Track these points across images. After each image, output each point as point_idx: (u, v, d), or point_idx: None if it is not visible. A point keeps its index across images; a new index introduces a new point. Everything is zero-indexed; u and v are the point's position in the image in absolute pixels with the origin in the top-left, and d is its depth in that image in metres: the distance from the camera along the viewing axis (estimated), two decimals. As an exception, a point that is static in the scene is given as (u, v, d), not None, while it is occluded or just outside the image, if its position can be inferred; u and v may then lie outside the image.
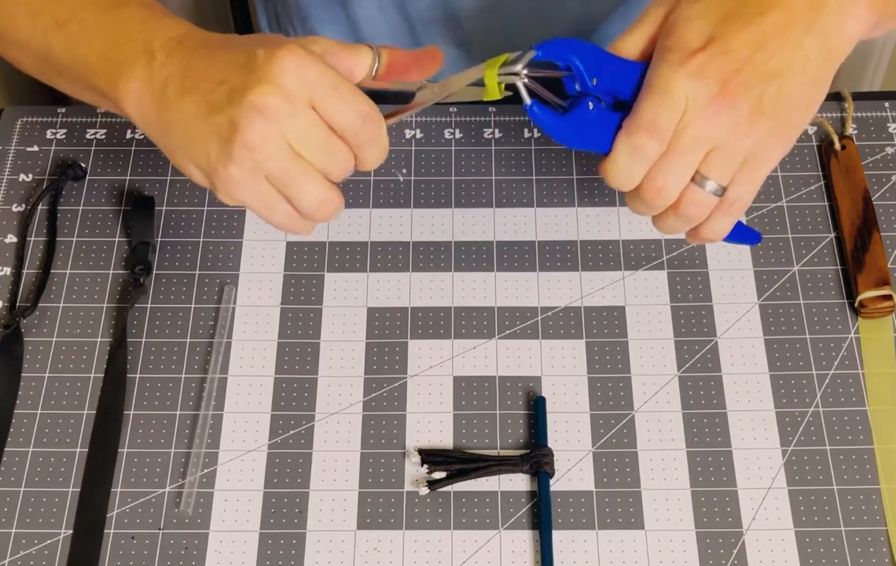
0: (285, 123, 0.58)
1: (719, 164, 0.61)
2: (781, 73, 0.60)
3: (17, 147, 0.82)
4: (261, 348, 0.73)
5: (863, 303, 0.73)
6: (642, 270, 0.76)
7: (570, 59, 0.62)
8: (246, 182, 0.59)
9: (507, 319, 0.74)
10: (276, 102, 0.57)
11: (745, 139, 0.60)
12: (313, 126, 0.59)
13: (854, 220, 0.76)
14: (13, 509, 0.67)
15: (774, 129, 0.61)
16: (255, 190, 0.60)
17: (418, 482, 0.68)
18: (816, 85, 0.62)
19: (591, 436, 0.70)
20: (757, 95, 0.60)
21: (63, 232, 0.78)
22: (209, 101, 0.59)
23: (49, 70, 0.69)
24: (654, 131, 0.59)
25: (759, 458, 0.69)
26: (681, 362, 0.72)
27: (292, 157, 0.59)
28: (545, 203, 0.79)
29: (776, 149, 0.62)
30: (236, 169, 0.59)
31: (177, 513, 0.67)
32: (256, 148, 0.58)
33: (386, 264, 0.77)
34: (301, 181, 0.59)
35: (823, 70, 0.62)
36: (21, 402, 0.71)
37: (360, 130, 0.60)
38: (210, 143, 0.59)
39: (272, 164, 0.59)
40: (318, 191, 0.60)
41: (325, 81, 0.58)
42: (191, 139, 0.60)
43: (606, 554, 0.66)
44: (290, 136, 0.58)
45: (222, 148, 0.58)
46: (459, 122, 0.83)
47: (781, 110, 0.60)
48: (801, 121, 0.62)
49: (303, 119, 0.58)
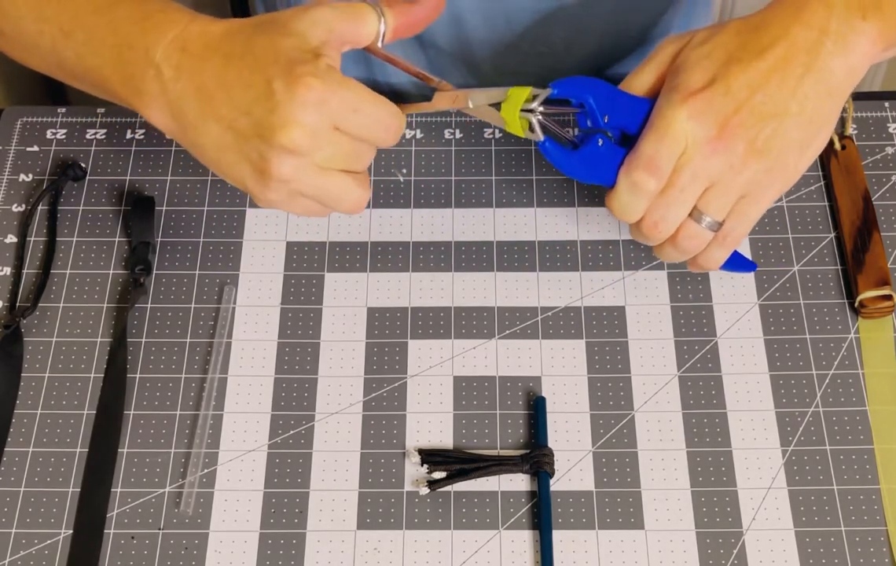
0: (314, 154, 0.60)
1: (715, 201, 0.63)
2: (778, 114, 0.61)
3: (17, 147, 0.82)
4: (261, 348, 0.73)
5: (863, 303, 0.73)
6: (642, 270, 0.76)
7: (585, 97, 0.65)
8: (284, 202, 0.62)
9: (507, 319, 0.74)
10: (303, 141, 0.59)
11: (740, 177, 0.62)
12: (340, 145, 0.60)
13: (854, 220, 0.76)
14: (13, 509, 0.67)
15: (770, 169, 0.62)
16: (293, 205, 0.62)
17: (418, 482, 0.68)
18: (815, 123, 0.62)
19: (591, 436, 0.70)
20: (753, 136, 0.61)
21: (63, 232, 0.78)
22: (235, 130, 0.60)
23: (67, 77, 0.69)
24: (654, 169, 0.62)
25: (759, 458, 0.69)
26: (681, 362, 0.72)
27: (325, 175, 0.61)
28: (545, 203, 0.79)
29: (771, 187, 0.63)
30: (274, 195, 0.61)
31: (177, 513, 0.67)
32: (290, 180, 0.60)
33: (386, 264, 0.77)
34: (335, 193, 0.62)
35: (823, 109, 0.62)
36: (21, 402, 0.71)
37: (384, 139, 0.62)
38: (244, 170, 0.61)
39: (307, 188, 0.61)
40: (352, 196, 0.62)
41: (347, 106, 0.59)
42: (224, 163, 0.62)
43: (606, 554, 0.66)
44: (319, 160, 0.60)
45: (257, 178, 0.61)
46: (459, 122, 0.83)
47: (777, 150, 0.62)
48: (799, 160, 0.63)
49: (329, 144, 0.60)
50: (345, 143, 0.60)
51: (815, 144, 0.63)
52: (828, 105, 0.63)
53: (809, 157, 0.64)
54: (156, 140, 0.82)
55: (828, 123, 0.63)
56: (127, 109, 0.83)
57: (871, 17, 0.62)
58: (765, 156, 0.61)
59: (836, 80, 0.62)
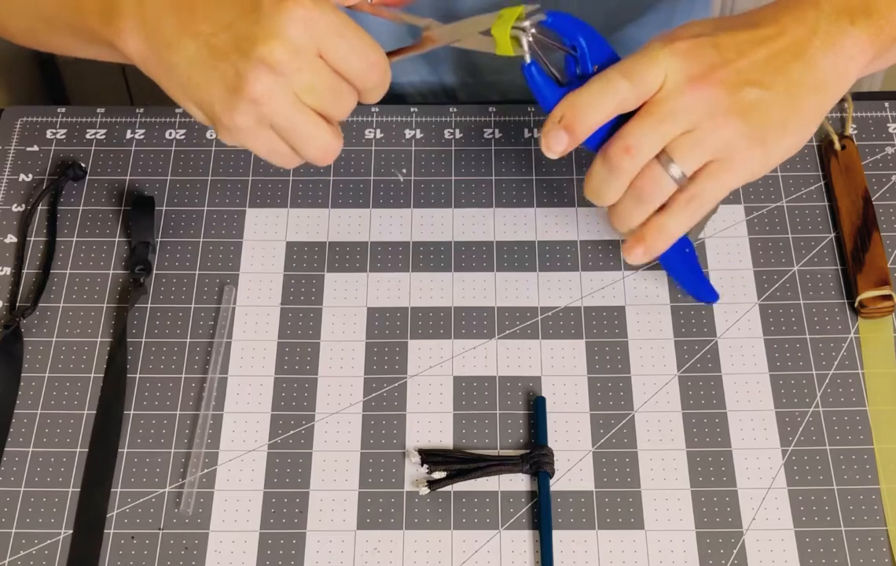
0: (293, 76, 0.57)
1: (688, 149, 0.61)
2: (764, 85, 0.61)
3: (17, 147, 0.82)
4: (261, 348, 0.73)
5: (863, 303, 0.73)
6: (642, 270, 0.76)
7: (577, 38, 0.63)
8: (250, 131, 0.59)
9: (507, 319, 0.74)
10: (284, 57, 0.57)
11: (718, 132, 0.60)
12: (320, 75, 0.58)
13: (854, 219, 0.76)
14: (13, 509, 0.67)
15: (749, 137, 0.61)
16: (258, 137, 0.60)
17: (418, 482, 0.68)
18: (799, 113, 0.62)
19: (591, 436, 0.70)
20: (737, 94, 0.60)
21: (63, 232, 0.78)
22: (212, 46, 0.58)
23: (42, 27, 0.67)
24: (629, 75, 0.60)
25: (759, 458, 0.69)
26: (681, 362, 0.72)
27: (298, 108, 0.59)
28: (545, 203, 0.79)
29: (747, 160, 0.62)
30: (241, 119, 0.59)
31: (177, 513, 0.67)
32: (263, 101, 0.58)
33: (386, 264, 0.77)
34: (305, 132, 0.60)
35: (809, 100, 0.62)
36: (21, 402, 0.71)
37: (367, 76, 0.60)
38: (214, 89, 0.58)
39: (278, 117, 0.59)
40: (322, 140, 0.60)
41: (333, 30, 0.58)
42: (194, 83, 0.59)
43: (606, 554, 0.66)
44: (297, 87, 0.58)
45: (228, 97, 0.58)
46: (459, 122, 0.83)
47: (758, 120, 0.61)
48: (777, 142, 0.62)
49: (310, 70, 0.58)
50: (326, 75, 0.58)
51: (796, 135, 0.63)
52: (814, 99, 0.62)
53: (788, 145, 0.63)
54: (156, 140, 0.82)
55: (812, 119, 0.63)
56: (127, 110, 0.84)
57: (860, 22, 0.62)
58: (746, 119, 0.60)
59: (822, 76, 0.62)
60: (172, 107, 0.84)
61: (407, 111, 0.84)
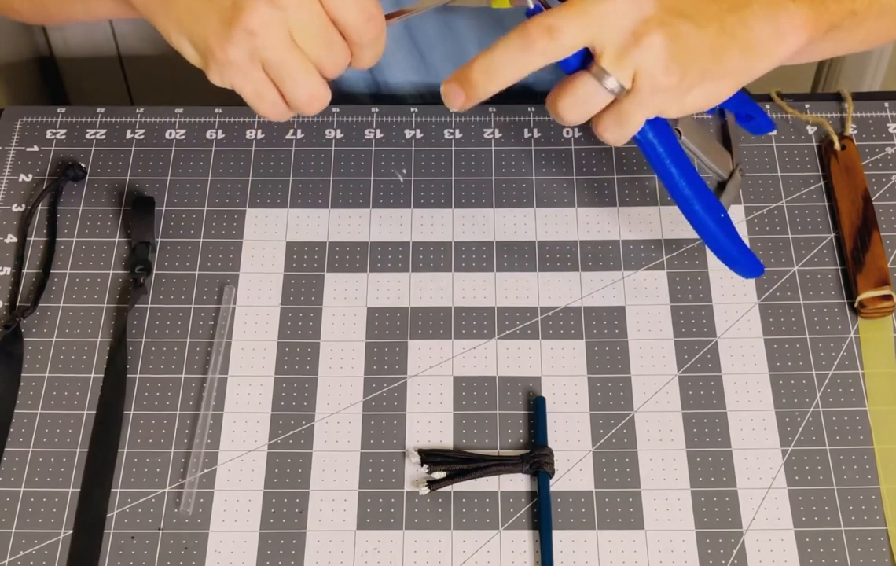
0: (289, 12, 0.57)
1: (615, 55, 0.59)
2: (697, 21, 0.59)
3: (17, 147, 0.82)
4: (261, 348, 0.73)
5: (863, 303, 0.73)
6: (642, 270, 0.76)
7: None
8: (241, 66, 0.59)
9: (507, 319, 0.74)
10: None
11: (643, 46, 0.58)
12: (316, 18, 0.58)
13: (854, 219, 0.76)
14: (13, 509, 0.67)
15: (670, 62, 0.59)
16: (248, 76, 0.59)
17: (418, 482, 0.68)
18: (722, 63, 0.61)
19: (591, 436, 0.70)
20: (670, 17, 0.59)
21: (63, 232, 0.78)
22: None
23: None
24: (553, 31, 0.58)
25: (759, 458, 0.69)
26: (681, 362, 0.72)
27: (291, 47, 0.58)
28: (545, 203, 0.79)
29: (660, 88, 0.60)
30: (234, 51, 0.58)
31: (177, 513, 0.67)
32: (257, 33, 0.57)
33: (386, 264, 0.77)
34: (296, 74, 0.59)
35: (735, 58, 0.61)
36: (21, 402, 0.71)
37: (363, 29, 0.59)
38: (210, 22, 0.58)
39: (270, 52, 0.58)
40: (311, 86, 0.60)
41: None
42: (191, 14, 0.59)
43: (606, 554, 0.66)
44: (292, 24, 0.58)
45: (222, 29, 0.58)
46: (459, 122, 0.83)
47: (684, 51, 0.59)
48: (694, 84, 0.60)
49: (307, 9, 0.58)
50: (322, 19, 0.58)
51: (713, 85, 0.61)
52: (740, 58, 0.61)
53: (703, 94, 0.61)
54: (156, 140, 0.82)
55: (732, 76, 0.62)
56: (127, 110, 0.84)
57: (801, 3, 0.62)
58: (673, 44, 0.59)
59: (753, 39, 0.61)
60: (172, 107, 0.84)
61: (407, 111, 0.84)
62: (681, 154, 0.65)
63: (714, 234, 0.68)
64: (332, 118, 0.83)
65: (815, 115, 0.82)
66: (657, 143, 0.64)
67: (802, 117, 0.82)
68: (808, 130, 0.82)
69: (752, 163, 0.80)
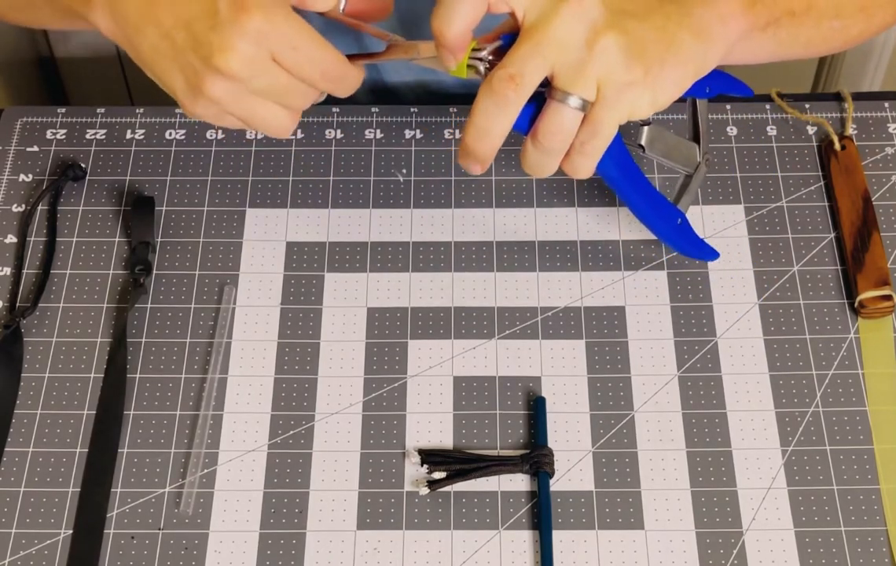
0: (249, 82, 0.60)
1: (575, 73, 0.60)
2: (639, 15, 0.61)
3: (17, 147, 0.82)
4: (261, 348, 0.73)
5: (863, 303, 0.73)
6: (642, 270, 0.76)
7: None
8: (212, 118, 0.63)
9: (507, 319, 0.74)
10: (239, 69, 0.59)
11: (599, 52, 0.59)
12: (276, 79, 0.61)
13: (854, 220, 0.76)
14: (13, 509, 0.67)
15: (629, 58, 0.60)
16: (220, 121, 0.63)
17: (418, 482, 0.68)
18: (677, 49, 0.62)
19: (591, 436, 0.70)
20: (614, 16, 0.60)
21: (63, 232, 0.78)
22: (173, 41, 0.60)
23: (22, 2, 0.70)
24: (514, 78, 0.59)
25: (759, 458, 0.69)
26: (681, 362, 0.72)
27: (256, 102, 0.61)
28: (545, 203, 0.79)
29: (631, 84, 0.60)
30: (202, 111, 0.62)
31: (177, 513, 0.67)
32: (222, 102, 0.61)
33: (386, 264, 0.77)
34: (262, 119, 0.63)
35: (688, 43, 0.62)
36: (21, 402, 0.71)
37: (321, 82, 0.62)
38: (176, 80, 0.61)
39: (236, 109, 0.62)
40: (279, 125, 0.63)
41: (286, 42, 0.59)
42: (159, 68, 0.62)
43: (606, 554, 0.66)
44: (254, 87, 0.60)
45: (189, 91, 0.61)
46: (459, 122, 0.83)
47: (637, 45, 0.60)
48: (659, 73, 0.61)
49: (265, 74, 0.60)
50: (282, 77, 0.60)
51: (676, 71, 0.62)
52: (693, 43, 0.62)
53: (673, 82, 0.62)
54: (155, 140, 0.82)
55: (694, 61, 0.63)
56: (127, 110, 0.84)
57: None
58: (625, 39, 0.60)
59: (698, 24, 0.62)
60: (172, 107, 0.84)
61: (407, 111, 0.84)
62: (637, 175, 0.68)
63: (673, 240, 0.74)
64: (332, 118, 0.83)
65: (815, 115, 0.82)
66: (613, 167, 0.66)
67: (802, 117, 0.82)
68: (808, 130, 0.82)
69: (752, 163, 0.80)
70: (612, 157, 0.65)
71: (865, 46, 1.17)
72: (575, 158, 0.63)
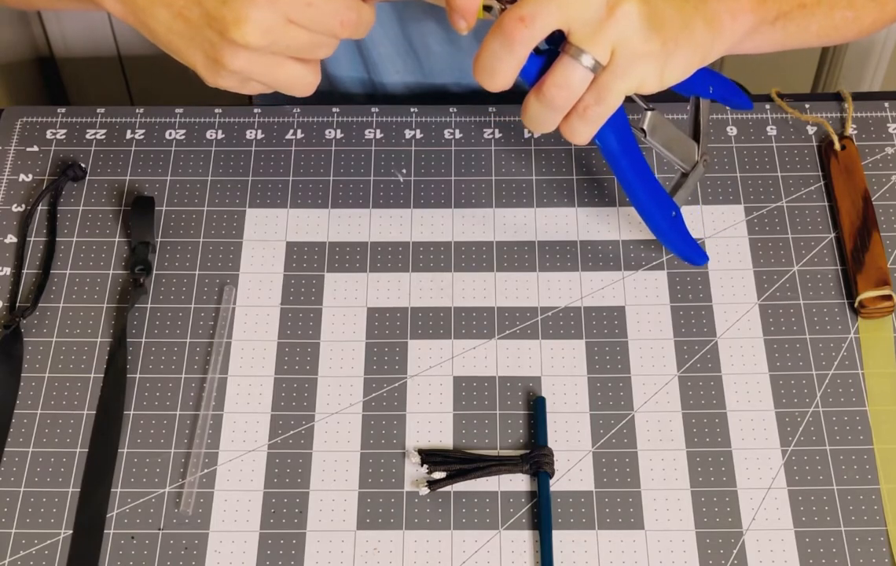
0: (270, 47, 0.60)
1: (590, 31, 0.59)
2: None
3: (17, 147, 0.82)
4: (261, 348, 0.73)
5: (863, 303, 0.73)
6: (642, 270, 0.76)
7: None
8: (235, 87, 0.63)
9: (507, 319, 0.74)
10: (256, 38, 0.59)
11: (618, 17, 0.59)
12: (295, 38, 0.61)
13: (854, 220, 0.76)
14: (13, 509, 0.67)
15: (647, 30, 0.60)
16: (244, 88, 0.64)
17: (418, 482, 0.68)
18: (690, 32, 0.62)
19: (591, 436, 0.70)
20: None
21: (63, 232, 0.78)
22: (186, 19, 0.61)
23: None
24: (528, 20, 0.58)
25: (759, 458, 0.69)
26: (681, 362, 0.72)
27: (277, 64, 0.62)
28: (545, 203, 0.79)
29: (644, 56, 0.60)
30: (225, 82, 0.63)
31: (177, 513, 0.67)
32: (242, 71, 0.61)
33: (386, 264, 0.77)
34: (286, 81, 0.63)
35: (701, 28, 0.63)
36: (21, 402, 0.71)
37: (341, 31, 0.62)
38: (196, 57, 0.62)
39: (259, 76, 0.62)
40: (304, 83, 0.64)
41: (299, 0, 0.60)
42: (175, 47, 0.62)
43: (606, 554, 0.66)
44: (275, 49, 0.61)
45: (210, 65, 0.62)
46: (459, 122, 0.83)
47: (656, 19, 0.60)
48: (673, 51, 0.61)
49: (284, 38, 0.60)
50: (300, 35, 0.61)
51: (688, 55, 0.62)
52: (705, 29, 0.63)
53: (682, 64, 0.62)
54: (155, 140, 0.82)
55: (702, 48, 0.63)
56: (127, 110, 0.84)
57: None
58: (645, 12, 0.59)
59: (714, 13, 0.63)
60: (172, 107, 0.84)
61: (407, 111, 0.84)
62: (637, 155, 0.68)
63: (664, 232, 0.72)
64: (332, 118, 0.83)
65: (815, 115, 0.82)
66: (614, 140, 0.66)
67: (802, 117, 0.82)
68: (808, 130, 0.82)
69: (752, 163, 0.80)
70: (614, 128, 0.65)
71: (865, 46, 1.17)
72: (574, 121, 0.62)
